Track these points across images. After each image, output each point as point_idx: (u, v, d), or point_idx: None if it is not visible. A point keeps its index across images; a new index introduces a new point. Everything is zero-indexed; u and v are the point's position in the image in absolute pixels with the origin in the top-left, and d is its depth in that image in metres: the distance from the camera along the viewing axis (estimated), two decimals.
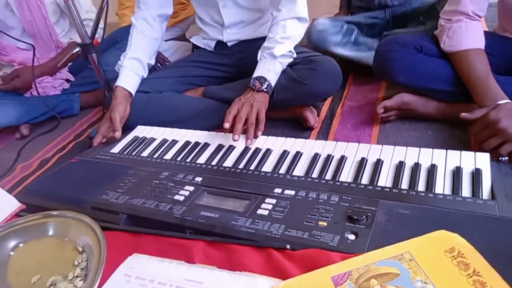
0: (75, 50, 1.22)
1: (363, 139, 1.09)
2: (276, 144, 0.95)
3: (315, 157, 0.85)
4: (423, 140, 1.04)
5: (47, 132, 1.47)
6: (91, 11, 1.57)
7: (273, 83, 1.09)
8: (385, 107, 1.09)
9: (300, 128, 1.20)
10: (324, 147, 0.89)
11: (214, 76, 1.37)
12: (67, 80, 1.59)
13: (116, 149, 1.06)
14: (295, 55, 1.15)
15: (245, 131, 1.00)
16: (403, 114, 1.12)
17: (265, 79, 1.07)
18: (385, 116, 1.11)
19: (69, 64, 1.60)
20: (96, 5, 1.39)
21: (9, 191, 1.13)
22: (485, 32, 1.00)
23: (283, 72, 1.14)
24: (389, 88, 1.32)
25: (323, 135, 1.16)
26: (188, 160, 0.94)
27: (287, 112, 1.22)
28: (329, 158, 0.84)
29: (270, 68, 1.09)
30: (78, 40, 1.28)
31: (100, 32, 1.57)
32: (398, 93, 1.10)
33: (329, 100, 1.33)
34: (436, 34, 1.06)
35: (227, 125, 0.98)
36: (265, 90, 1.06)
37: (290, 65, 1.16)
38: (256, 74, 1.09)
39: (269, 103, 1.14)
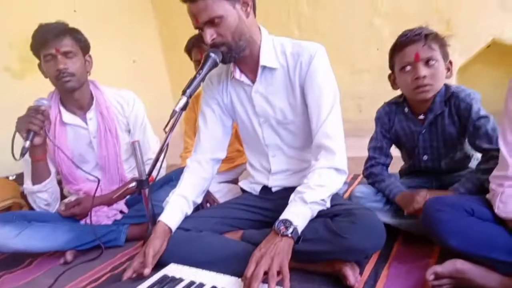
0: (131, 185, 1.32)
1: None
2: None
3: None
4: None
5: (89, 261, 1.49)
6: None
7: (299, 229, 1.05)
8: (435, 273, 0.96)
9: (339, 286, 1.08)
10: None
11: (255, 220, 1.37)
12: (121, 212, 1.69)
13: (143, 286, 1.03)
14: (328, 205, 1.12)
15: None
16: (459, 284, 0.97)
17: (291, 223, 1.03)
18: (436, 284, 0.97)
19: (127, 197, 1.73)
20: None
21: None
22: None
23: (323, 222, 1.11)
24: (444, 252, 1.19)
25: None
26: None
27: (326, 266, 1.13)
28: None
29: (298, 213, 1.06)
30: None
31: (162, 171, 1.73)
32: (452, 259, 0.99)
33: (374, 258, 1.22)
34: (488, 198, 0.99)
35: None
36: (289, 235, 1.01)
37: (330, 216, 1.13)
38: (283, 216, 1.06)
39: (307, 254, 1.08)
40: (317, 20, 2.83)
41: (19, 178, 1.88)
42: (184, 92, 1.16)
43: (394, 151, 1.51)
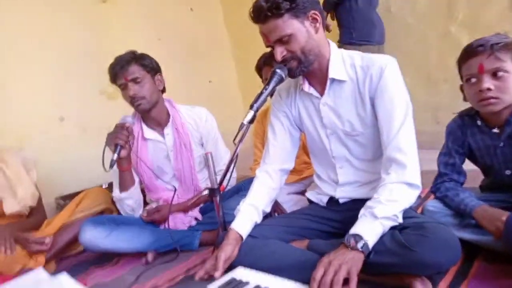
0: (203, 193, 1.42)
1: None
2: None
3: None
4: None
5: (166, 262, 1.63)
6: None
7: (370, 244, 1.03)
8: None
9: None
10: None
11: (321, 230, 1.37)
12: (196, 219, 1.81)
13: (212, 286, 1.09)
14: (400, 220, 1.09)
15: None
16: None
17: (361, 238, 1.02)
18: None
19: (201, 205, 1.85)
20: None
21: None
22: None
23: (391, 234, 1.08)
24: None
25: None
26: None
27: (394, 279, 1.09)
28: None
29: (369, 228, 1.05)
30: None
31: (232, 181, 1.82)
32: None
33: (450, 275, 1.14)
34: None
35: None
36: (360, 249, 1.00)
37: (400, 229, 1.10)
38: (353, 231, 1.05)
39: (374, 266, 1.05)
40: (389, 31, 2.76)
41: (111, 187, 2.12)
42: (251, 107, 1.22)
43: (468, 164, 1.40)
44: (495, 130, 1.24)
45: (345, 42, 2.52)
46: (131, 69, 1.69)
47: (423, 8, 2.18)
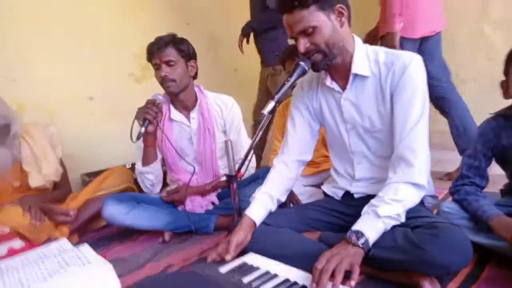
0: (221, 179, 1.47)
1: None
2: None
3: None
4: None
5: (182, 242, 1.69)
6: None
7: (370, 241, 1.05)
8: None
9: None
10: None
11: (334, 223, 1.39)
12: (213, 203, 1.87)
13: (224, 269, 1.14)
14: (402, 220, 1.10)
15: None
16: None
17: (362, 234, 1.05)
18: None
19: (219, 190, 1.90)
20: None
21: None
22: None
23: (403, 232, 1.09)
24: None
25: None
26: None
27: (403, 276, 1.10)
28: None
29: (371, 225, 1.07)
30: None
31: (251, 170, 1.86)
32: None
33: (461, 277, 1.14)
34: None
35: (314, 286, 0.95)
36: (360, 245, 1.03)
37: (412, 227, 1.11)
38: (355, 227, 1.08)
39: (384, 262, 1.07)
40: None
41: (134, 167, 2.20)
42: (272, 97, 1.23)
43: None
44: None
45: (273, 64, 2.65)
46: (167, 51, 1.75)
47: (455, 5, 2.11)
